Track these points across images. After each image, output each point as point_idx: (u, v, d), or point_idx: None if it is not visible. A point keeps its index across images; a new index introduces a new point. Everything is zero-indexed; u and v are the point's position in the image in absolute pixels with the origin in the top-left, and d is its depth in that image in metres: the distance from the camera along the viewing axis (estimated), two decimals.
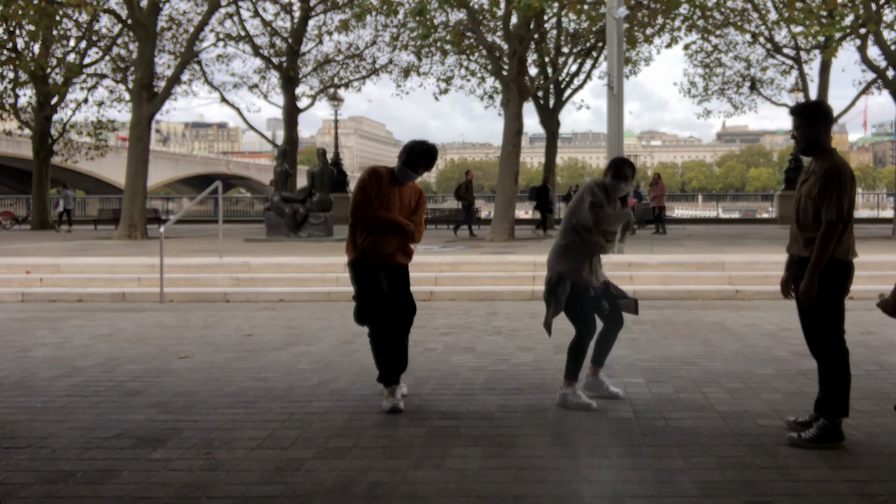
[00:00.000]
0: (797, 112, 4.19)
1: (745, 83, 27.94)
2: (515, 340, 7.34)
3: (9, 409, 5.05)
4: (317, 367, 6.26)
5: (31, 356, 6.82)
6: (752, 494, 3.46)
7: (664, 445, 4.16)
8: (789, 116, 4.22)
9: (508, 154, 17.68)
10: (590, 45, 25.25)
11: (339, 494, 3.52)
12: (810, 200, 4.07)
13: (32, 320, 8.95)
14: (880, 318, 8.42)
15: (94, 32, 25.50)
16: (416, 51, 24.53)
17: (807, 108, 4.22)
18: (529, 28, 18.54)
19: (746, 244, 15.97)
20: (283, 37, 27.11)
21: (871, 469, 3.77)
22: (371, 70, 28.81)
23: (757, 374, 5.84)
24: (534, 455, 4.03)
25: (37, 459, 3.98)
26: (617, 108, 14.02)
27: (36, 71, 24.13)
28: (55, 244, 17.39)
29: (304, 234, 18.03)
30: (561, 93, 27.71)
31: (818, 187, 4.02)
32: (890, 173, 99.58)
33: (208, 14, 21.14)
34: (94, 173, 62.34)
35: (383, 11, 18.42)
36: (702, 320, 8.51)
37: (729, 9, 23.34)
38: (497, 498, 3.46)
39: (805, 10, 18.12)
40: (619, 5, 14.03)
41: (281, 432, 4.47)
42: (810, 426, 4.22)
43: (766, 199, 38.66)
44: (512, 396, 5.23)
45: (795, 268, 4.22)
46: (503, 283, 11.14)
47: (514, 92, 17.58)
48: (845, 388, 4.12)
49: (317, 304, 10.12)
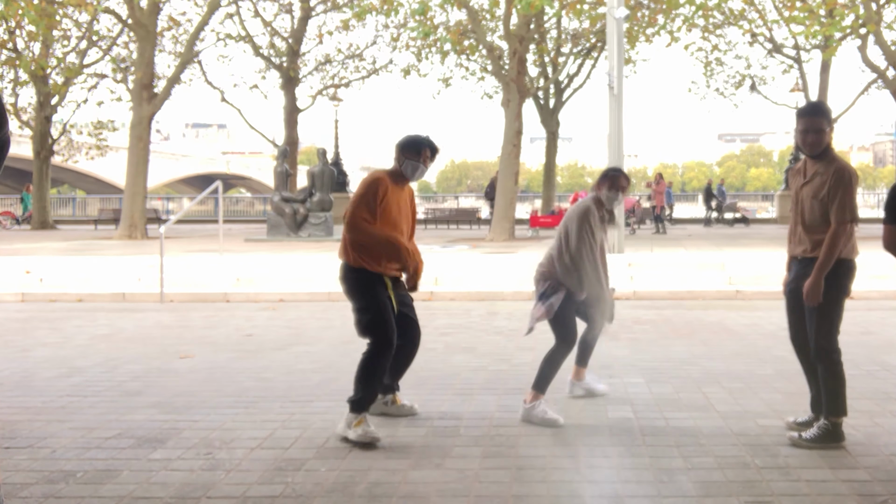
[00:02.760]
0: (813, 113, 4.13)
1: (745, 83, 27.96)
2: (515, 340, 7.34)
3: (9, 409, 5.05)
4: (317, 367, 6.26)
5: (31, 356, 6.82)
6: (752, 494, 3.46)
7: (664, 445, 4.16)
8: (801, 117, 4.12)
9: (508, 154, 17.68)
10: (590, 45, 25.25)
11: (339, 494, 3.52)
12: (816, 202, 4.07)
13: (32, 320, 8.95)
14: (880, 318, 8.44)
15: (94, 32, 25.49)
16: (417, 51, 24.54)
17: (821, 110, 4.18)
18: (529, 28, 18.55)
19: (746, 244, 15.97)
20: (284, 37, 27.12)
21: (871, 469, 3.77)
22: (371, 70, 28.83)
23: (757, 374, 5.84)
24: (534, 455, 4.03)
25: (37, 459, 3.98)
26: (617, 108, 14.02)
27: (36, 71, 24.14)
28: (55, 244, 17.39)
29: (305, 234, 18.03)
30: (561, 93, 27.73)
31: (827, 188, 4.02)
32: (890, 173, 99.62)
33: (209, 14, 21.15)
34: (94, 173, 62.34)
35: (383, 11, 18.42)
36: (702, 320, 8.51)
37: (729, 8, 23.36)
38: (497, 498, 3.46)
39: (805, 10, 18.12)
40: (619, 5, 14.03)
41: (281, 432, 4.47)
42: (810, 426, 4.22)
43: (766, 199, 38.61)
44: (512, 396, 5.23)
45: (800, 268, 4.20)
46: (503, 282, 11.14)
47: (514, 92, 17.59)
48: (843, 388, 4.12)
49: (317, 304, 10.12)
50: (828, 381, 4.12)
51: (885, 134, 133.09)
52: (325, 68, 28.86)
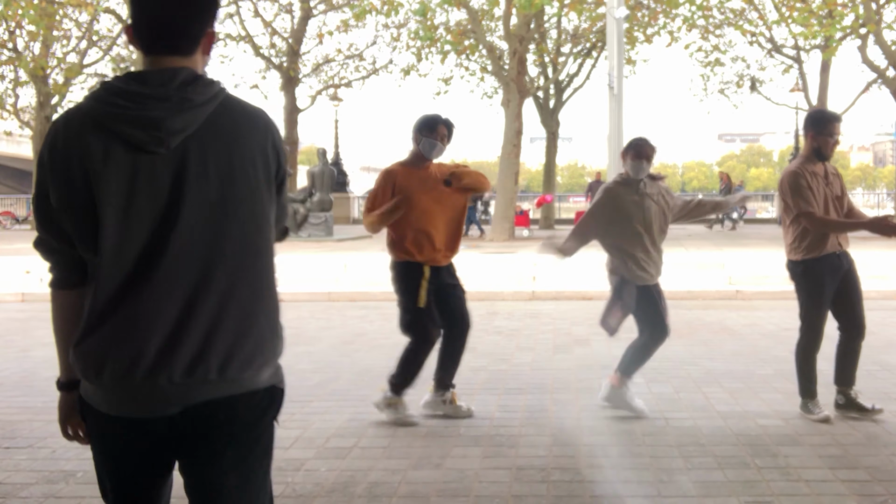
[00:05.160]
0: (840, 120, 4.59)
1: (745, 82, 27.95)
2: (515, 340, 7.34)
3: (9, 409, 5.05)
4: (317, 367, 6.26)
5: (31, 356, 6.82)
6: (752, 494, 3.46)
7: (664, 445, 4.16)
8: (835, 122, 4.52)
9: (508, 154, 17.67)
10: (590, 45, 25.24)
11: (339, 494, 3.52)
12: (845, 198, 4.58)
13: (32, 320, 8.95)
14: (880, 318, 8.43)
15: (94, 32, 25.49)
16: (417, 51, 24.53)
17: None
18: (529, 28, 18.54)
19: (746, 244, 15.96)
20: (284, 37, 27.12)
21: (871, 469, 3.77)
22: (371, 70, 28.83)
23: (757, 374, 5.84)
24: (534, 455, 4.03)
25: (37, 459, 3.98)
26: (617, 108, 14.02)
27: (36, 71, 24.13)
28: None
29: (305, 234, 18.03)
30: (561, 93, 27.71)
31: (840, 185, 4.58)
32: (890, 173, 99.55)
33: None
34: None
35: (383, 12, 18.42)
36: (702, 320, 8.51)
37: (729, 8, 23.36)
38: (497, 498, 3.46)
39: (805, 10, 18.12)
40: (619, 5, 14.03)
41: (281, 432, 4.45)
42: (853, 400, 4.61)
43: (766, 199, 38.58)
44: (512, 396, 5.23)
45: (846, 260, 4.56)
46: (503, 282, 11.13)
47: (514, 92, 17.58)
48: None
49: (317, 304, 10.12)
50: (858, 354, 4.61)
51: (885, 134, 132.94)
52: (325, 68, 28.86)
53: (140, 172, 1.65)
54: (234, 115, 1.74)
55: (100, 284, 1.67)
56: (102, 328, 1.66)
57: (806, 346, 4.61)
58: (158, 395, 1.66)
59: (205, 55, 1.80)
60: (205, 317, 1.66)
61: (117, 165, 1.65)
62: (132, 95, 1.66)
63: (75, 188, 1.67)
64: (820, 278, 4.47)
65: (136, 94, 1.66)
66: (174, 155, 1.67)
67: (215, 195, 1.69)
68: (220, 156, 1.70)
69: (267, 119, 1.80)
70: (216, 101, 1.71)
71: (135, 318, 1.64)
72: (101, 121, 1.66)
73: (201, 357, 1.66)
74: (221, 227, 1.69)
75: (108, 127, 1.66)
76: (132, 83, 1.68)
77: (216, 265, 1.68)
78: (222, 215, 1.69)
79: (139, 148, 1.65)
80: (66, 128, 1.69)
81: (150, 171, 1.66)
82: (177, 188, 1.66)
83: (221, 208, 1.69)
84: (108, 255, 1.66)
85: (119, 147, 1.65)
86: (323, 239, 17.62)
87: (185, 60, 1.74)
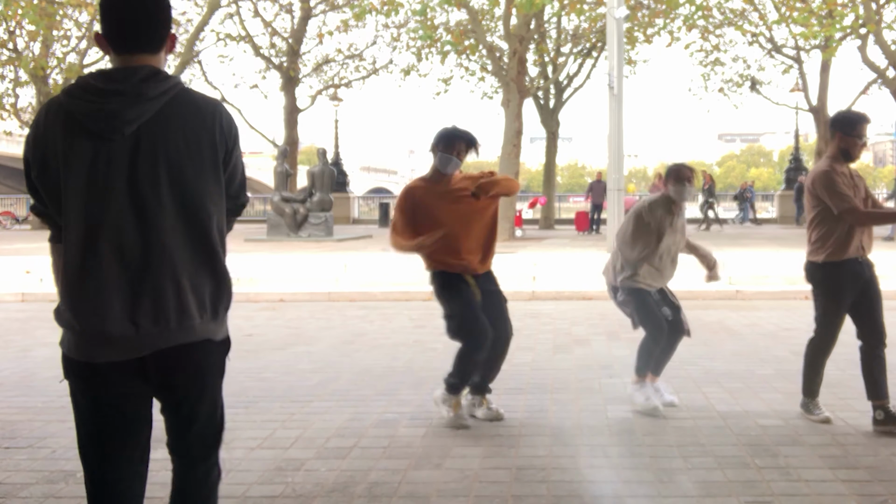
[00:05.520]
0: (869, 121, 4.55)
1: (745, 82, 27.95)
2: (515, 340, 7.32)
3: (9, 409, 5.04)
4: (316, 367, 6.26)
5: (31, 356, 6.82)
6: (752, 494, 3.46)
7: (664, 445, 4.16)
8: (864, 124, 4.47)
9: (508, 154, 17.67)
10: (590, 45, 25.24)
11: (339, 494, 3.52)
12: (869, 200, 4.55)
13: (32, 320, 8.94)
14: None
15: (95, 32, 25.51)
16: (417, 51, 24.54)
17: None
18: (529, 28, 18.54)
19: (746, 244, 15.96)
20: (284, 37, 27.12)
21: (871, 469, 3.77)
22: (371, 70, 28.83)
23: (757, 374, 5.84)
24: (534, 455, 4.03)
25: (37, 459, 3.97)
26: (617, 108, 14.02)
27: (36, 71, 24.12)
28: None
29: (305, 234, 18.03)
30: (561, 93, 27.71)
31: (864, 186, 4.55)
32: (890, 173, 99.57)
33: (209, 14, 21.16)
34: None
35: (383, 12, 18.42)
36: (702, 320, 8.50)
37: (729, 9, 23.36)
38: (497, 498, 3.46)
39: (805, 10, 18.13)
40: (619, 5, 14.03)
41: (281, 432, 4.47)
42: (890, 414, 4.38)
43: (766, 199, 38.53)
44: (512, 396, 5.23)
45: (869, 266, 4.50)
46: (503, 283, 11.10)
47: (514, 92, 17.58)
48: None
49: (317, 304, 10.12)
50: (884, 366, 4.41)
51: (885, 134, 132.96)
52: (325, 68, 28.86)
53: (99, 156, 1.97)
54: (184, 106, 2.04)
55: (68, 252, 1.99)
56: (73, 294, 1.99)
57: (819, 344, 4.54)
58: (130, 343, 2.00)
59: (168, 53, 2.15)
60: (161, 276, 1.99)
61: (81, 149, 1.96)
62: (97, 90, 1.98)
63: (49, 167, 2.00)
64: (840, 283, 4.40)
65: (99, 89, 1.99)
66: (129, 141, 1.98)
67: (165, 175, 1.99)
68: (168, 141, 2.00)
69: (215, 109, 2.09)
70: (169, 94, 2.02)
71: (98, 284, 1.96)
72: (71, 111, 1.98)
73: (161, 309, 2.00)
74: (170, 201, 2.00)
75: (76, 117, 1.97)
76: (99, 79, 2.01)
77: (165, 233, 1.99)
78: (171, 192, 1.99)
79: (99, 136, 1.96)
80: (45, 116, 2.03)
81: (108, 155, 1.97)
82: (132, 169, 1.97)
83: (170, 186, 1.99)
84: (70, 227, 1.98)
85: (83, 134, 1.97)
86: (323, 239, 17.62)
87: (151, 58, 2.07)
